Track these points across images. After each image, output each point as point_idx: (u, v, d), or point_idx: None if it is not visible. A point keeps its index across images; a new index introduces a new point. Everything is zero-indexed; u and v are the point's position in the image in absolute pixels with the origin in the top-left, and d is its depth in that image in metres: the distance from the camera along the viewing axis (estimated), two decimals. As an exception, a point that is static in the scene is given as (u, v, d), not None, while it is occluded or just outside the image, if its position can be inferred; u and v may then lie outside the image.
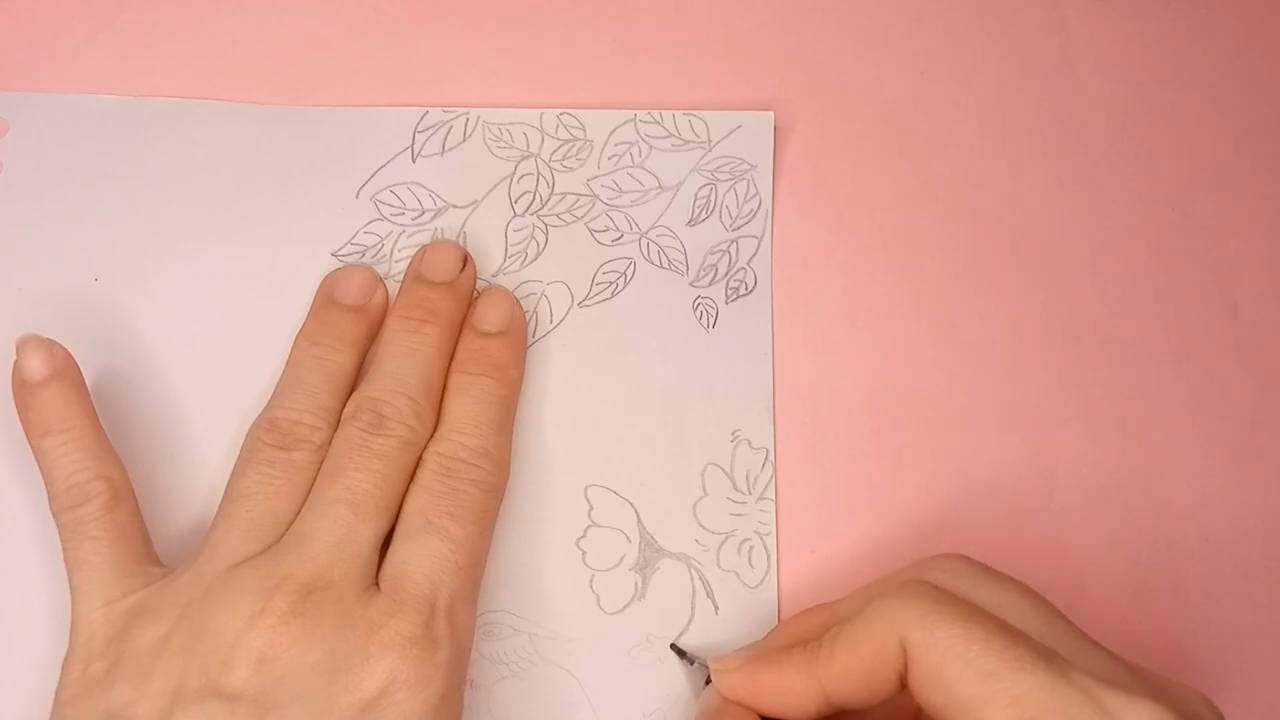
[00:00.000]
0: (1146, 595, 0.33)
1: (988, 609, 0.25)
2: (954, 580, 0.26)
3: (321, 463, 0.30)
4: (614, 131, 0.36)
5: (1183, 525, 0.33)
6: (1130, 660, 0.25)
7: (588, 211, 0.35)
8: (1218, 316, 0.35)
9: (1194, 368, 0.35)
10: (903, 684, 0.25)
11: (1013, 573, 0.27)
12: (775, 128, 0.36)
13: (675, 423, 0.33)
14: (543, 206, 0.35)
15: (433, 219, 0.35)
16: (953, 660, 0.24)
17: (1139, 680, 0.24)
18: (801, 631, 0.28)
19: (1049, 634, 0.25)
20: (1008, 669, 0.23)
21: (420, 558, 0.28)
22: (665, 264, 0.35)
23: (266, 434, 0.30)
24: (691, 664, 0.31)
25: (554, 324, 0.34)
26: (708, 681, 0.29)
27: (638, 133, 0.36)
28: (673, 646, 0.32)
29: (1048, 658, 0.24)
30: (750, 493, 0.33)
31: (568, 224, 0.35)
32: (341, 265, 0.34)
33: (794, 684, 0.26)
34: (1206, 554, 0.33)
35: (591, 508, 0.33)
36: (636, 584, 0.32)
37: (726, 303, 0.35)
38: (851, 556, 0.33)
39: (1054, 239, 0.36)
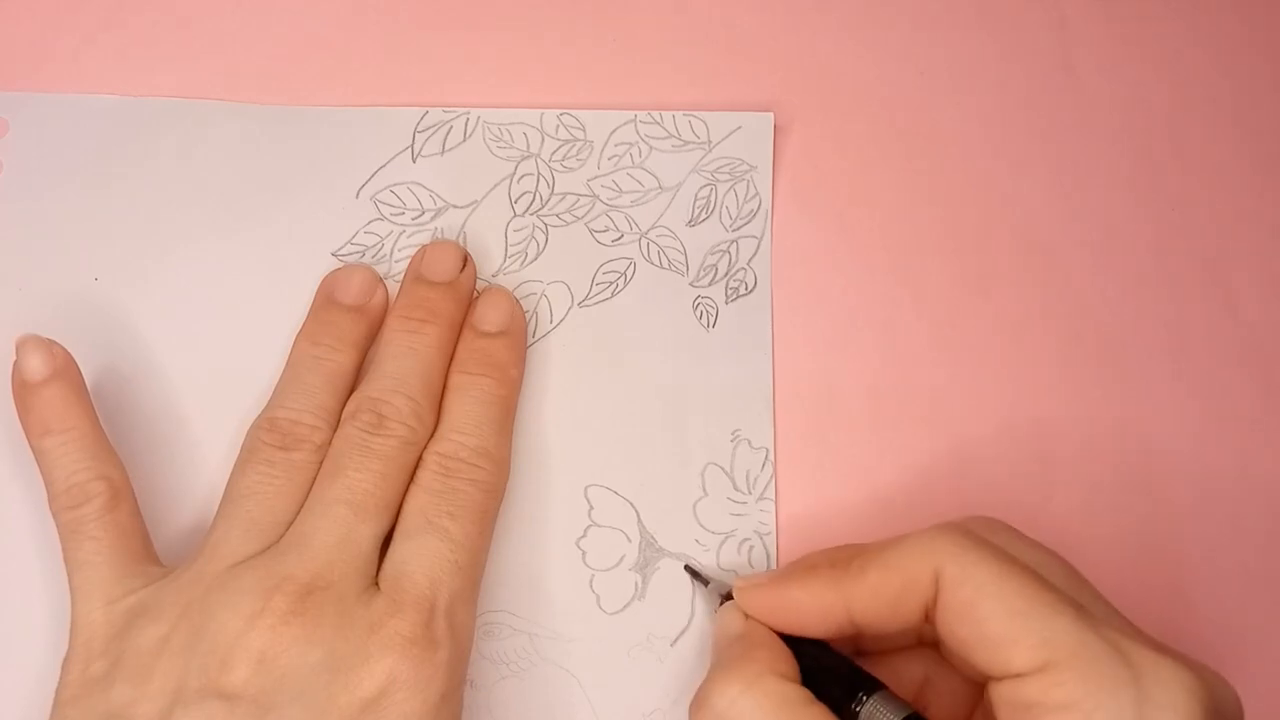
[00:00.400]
0: (1146, 594, 0.33)
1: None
2: (989, 535, 0.27)
3: (321, 463, 0.30)
4: (614, 132, 0.36)
5: (1183, 525, 0.33)
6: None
7: (588, 212, 0.35)
8: (1218, 316, 0.35)
9: (1194, 368, 0.35)
10: (926, 616, 0.25)
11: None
12: (775, 128, 0.36)
13: (675, 423, 0.33)
14: (543, 206, 0.35)
15: (433, 219, 0.35)
16: (985, 597, 0.24)
17: (1160, 645, 0.24)
18: (827, 560, 0.28)
19: (1077, 595, 0.25)
20: (1039, 611, 0.24)
21: (420, 557, 0.28)
22: (665, 264, 0.35)
23: (266, 434, 0.30)
24: (706, 585, 0.31)
25: (554, 324, 0.34)
26: (721, 603, 0.29)
27: (638, 133, 0.36)
28: (686, 568, 0.32)
29: (1077, 607, 0.24)
30: (750, 493, 0.33)
31: (568, 224, 0.35)
32: (341, 265, 0.34)
33: (820, 599, 0.27)
34: (1206, 553, 0.33)
35: (591, 508, 0.33)
36: (636, 584, 0.32)
37: (726, 303, 0.35)
38: (851, 556, 0.33)
39: (1054, 239, 0.36)
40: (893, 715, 0.26)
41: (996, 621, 0.24)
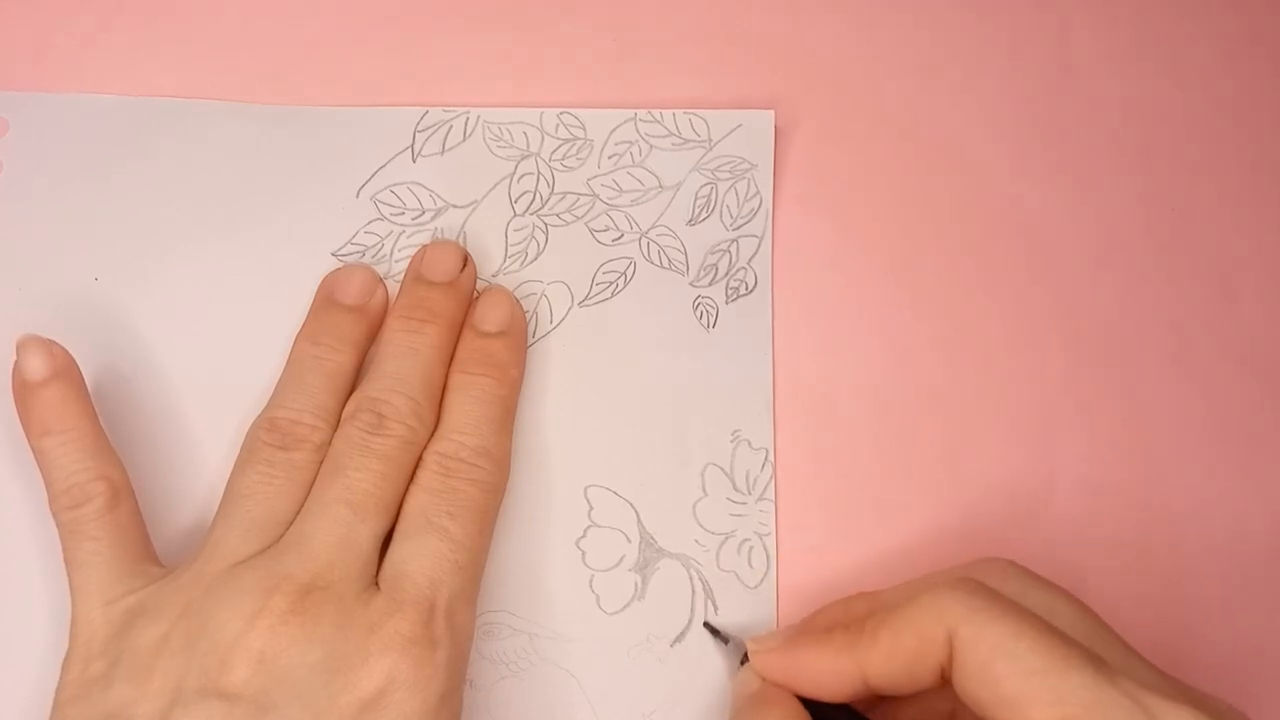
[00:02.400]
0: (1147, 596, 0.33)
1: (1035, 612, 0.25)
2: (1002, 583, 0.26)
3: (321, 463, 0.30)
4: (614, 131, 0.36)
5: (1183, 525, 0.33)
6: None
7: (588, 211, 0.35)
8: (1218, 316, 0.35)
9: (1194, 368, 0.35)
10: (943, 676, 0.25)
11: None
12: (776, 127, 0.36)
13: (675, 423, 0.33)
14: (543, 206, 0.35)
15: (433, 219, 0.35)
16: (1000, 656, 0.24)
17: (1181, 690, 0.24)
18: (843, 616, 0.28)
19: (1094, 641, 0.25)
20: (1055, 668, 0.23)
21: (420, 557, 0.28)
22: (665, 264, 0.35)
23: (266, 434, 0.30)
24: (726, 643, 0.31)
25: (554, 324, 0.34)
26: (743, 661, 0.29)
27: (638, 132, 0.36)
28: (706, 625, 0.32)
29: (1094, 661, 0.24)
30: (750, 493, 0.33)
31: (568, 224, 0.35)
32: (341, 265, 0.34)
33: (834, 664, 0.26)
34: (1207, 554, 0.33)
35: (591, 508, 0.33)
36: (636, 584, 0.32)
37: (726, 302, 0.35)
38: (852, 556, 0.33)
39: (1054, 239, 0.36)
40: None
41: (1013, 681, 0.24)
